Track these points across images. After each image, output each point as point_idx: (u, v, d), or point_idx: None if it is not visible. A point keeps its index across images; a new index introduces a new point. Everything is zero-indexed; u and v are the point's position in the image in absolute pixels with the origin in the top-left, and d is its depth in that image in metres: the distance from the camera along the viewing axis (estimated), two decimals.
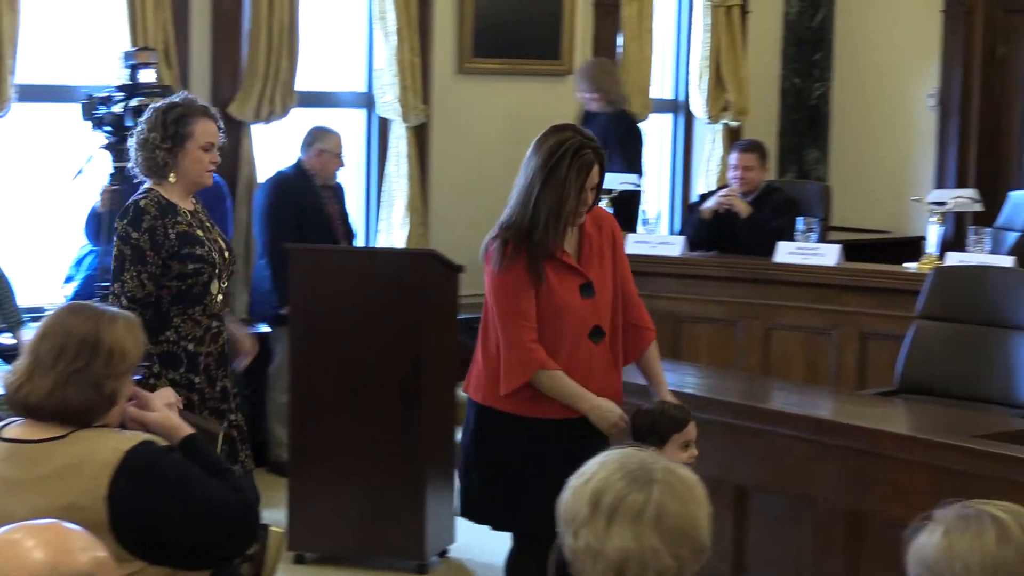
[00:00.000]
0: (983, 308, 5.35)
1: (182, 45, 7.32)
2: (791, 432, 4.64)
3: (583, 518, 2.19)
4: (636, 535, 2.15)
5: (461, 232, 7.87)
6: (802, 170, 10.12)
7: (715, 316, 7.08)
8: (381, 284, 5.81)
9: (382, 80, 8.03)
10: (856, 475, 4.46)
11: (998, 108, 9.51)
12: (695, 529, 2.19)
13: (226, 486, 3.08)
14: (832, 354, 6.91)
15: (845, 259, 7.00)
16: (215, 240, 4.63)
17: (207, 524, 3.00)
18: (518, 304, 4.25)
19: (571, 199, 4.19)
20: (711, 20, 9.39)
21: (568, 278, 4.30)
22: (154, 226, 4.46)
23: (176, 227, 4.50)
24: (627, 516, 2.16)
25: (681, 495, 2.19)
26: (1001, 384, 5.19)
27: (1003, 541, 1.91)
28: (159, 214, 4.48)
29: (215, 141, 4.60)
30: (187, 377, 4.52)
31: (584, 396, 4.25)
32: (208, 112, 4.62)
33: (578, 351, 4.30)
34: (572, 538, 2.20)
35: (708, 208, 7.45)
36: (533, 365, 4.23)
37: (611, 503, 2.17)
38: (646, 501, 2.16)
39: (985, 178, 9.35)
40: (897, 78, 9.82)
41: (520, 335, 4.24)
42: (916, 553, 1.96)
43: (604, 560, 2.16)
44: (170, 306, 4.50)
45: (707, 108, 9.44)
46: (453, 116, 8.28)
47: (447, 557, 6.05)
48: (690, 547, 2.18)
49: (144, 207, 4.48)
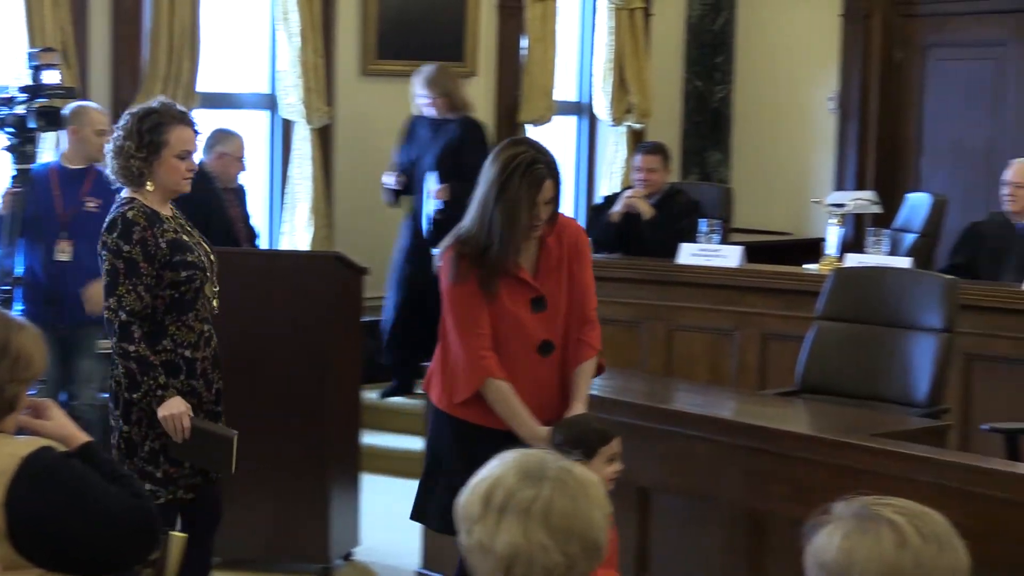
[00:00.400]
0: (881, 309, 5.42)
1: (81, 45, 7.23)
2: (694, 433, 4.67)
3: (476, 515, 2.19)
4: (524, 531, 2.14)
5: (365, 234, 7.85)
6: (704, 172, 10.20)
7: (619, 317, 7.11)
8: (284, 286, 5.78)
9: (285, 81, 7.99)
10: (758, 475, 4.50)
11: (896, 111, 9.64)
12: (587, 527, 2.17)
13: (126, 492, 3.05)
14: (734, 355, 6.97)
15: (747, 261, 7.06)
16: (199, 244, 4.58)
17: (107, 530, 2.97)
18: (470, 314, 4.24)
19: (523, 215, 4.16)
20: (614, 23, 9.44)
21: (519, 291, 4.27)
22: (144, 237, 4.39)
23: (165, 235, 4.43)
24: (516, 512, 2.15)
25: (573, 492, 2.18)
26: (899, 383, 5.26)
27: (900, 547, 1.93)
28: (147, 224, 4.41)
29: (192, 149, 4.53)
30: (188, 383, 4.48)
31: (520, 418, 4.21)
32: (185, 119, 4.53)
33: (526, 364, 4.28)
34: (466, 535, 2.20)
35: (616, 211, 7.48)
36: (482, 374, 4.22)
37: (502, 499, 2.17)
38: (535, 497, 2.16)
39: (883, 180, 9.48)
40: (798, 81, 9.93)
41: (471, 344, 4.24)
42: (815, 555, 1.98)
43: (494, 556, 2.16)
44: (164, 315, 4.45)
45: (611, 110, 9.49)
46: (357, 118, 8.25)
47: (352, 560, 6.03)
48: (581, 545, 2.16)
49: (133, 218, 4.40)
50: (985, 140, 9.14)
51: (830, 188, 9.36)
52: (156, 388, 4.37)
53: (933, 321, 5.27)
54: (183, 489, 4.53)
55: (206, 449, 4.46)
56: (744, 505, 4.56)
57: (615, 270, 7.22)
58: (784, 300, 6.81)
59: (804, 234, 9.64)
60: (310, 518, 5.78)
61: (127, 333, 4.36)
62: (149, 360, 4.37)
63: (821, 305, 5.60)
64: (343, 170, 8.26)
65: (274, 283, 5.80)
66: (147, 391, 4.37)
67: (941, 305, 5.28)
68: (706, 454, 4.63)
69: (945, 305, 5.28)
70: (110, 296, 4.39)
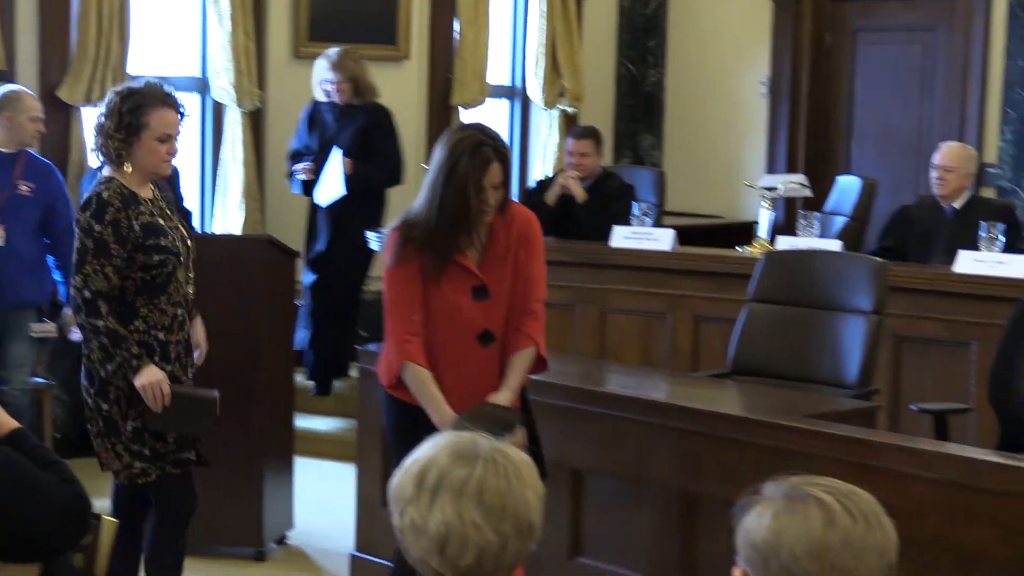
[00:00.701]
0: (812, 291, 5.46)
1: (7, 26, 7.15)
2: (626, 415, 4.68)
3: (409, 496, 2.19)
4: (458, 510, 2.15)
5: (297, 218, 7.81)
6: (637, 156, 10.24)
7: (552, 301, 7.04)
8: (216, 270, 5.74)
9: (216, 64, 7.94)
10: (690, 456, 4.53)
11: (826, 95, 9.71)
12: (520, 507, 2.18)
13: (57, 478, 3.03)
14: (667, 337, 7.00)
15: (679, 244, 7.09)
16: (176, 228, 4.53)
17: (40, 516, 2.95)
18: (403, 298, 4.21)
19: (471, 198, 4.14)
20: (547, 7, 9.44)
21: (461, 279, 4.24)
22: (118, 218, 4.34)
23: (140, 218, 4.39)
24: (449, 491, 2.16)
25: (506, 472, 2.18)
26: (830, 365, 5.30)
27: (829, 525, 1.95)
28: (122, 205, 4.36)
29: (173, 132, 4.46)
30: (161, 367, 4.43)
31: (433, 402, 4.18)
32: (169, 101, 4.46)
33: (465, 353, 4.26)
34: (399, 516, 2.20)
35: (552, 194, 7.50)
36: (404, 357, 4.20)
37: (435, 479, 2.17)
38: (468, 477, 2.16)
39: (814, 164, 9.55)
40: (730, 66, 9.98)
41: (399, 327, 4.22)
42: (745, 535, 1.99)
43: (426, 536, 2.16)
44: (135, 296, 4.40)
45: (543, 94, 9.50)
46: (289, 101, 8.21)
47: (285, 543, 6.02)
48: (514, 524, 2.17)
49: (107, 199, 4.35)
50: (914, 124, 9.22)
51: (762, 172, 9.42)
52: (130, 359, 4.33)
53: (863, 303, 5.31)
54: (171, 464, 4.49)
55: (185, 415, 4.42)
56: (677, 486, 4.58)
57: (548, 253, 7.11)
58: (716, 283, 6.85)
59: (736, 217, 9.69)
60: (243, 502, 5.76)
61: (94, 308, 4.33)
62: (120, 333, 4.33)
63: (752, 288, 5.63)
64: (275, 153, 8.22)
65: (206, 266, 5.75)
66: (121, 362, 4.33)
67: (871, 287, 5.33)
68: (639, 436, 4.65)
69: (875, 287, 5.33)
70: (77, 274, 4.36)
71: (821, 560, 1.93)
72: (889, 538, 1.98)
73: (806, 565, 1.93)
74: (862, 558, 1.94)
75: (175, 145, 4.50)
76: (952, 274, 6.30)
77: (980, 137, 8.71)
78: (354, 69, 7.48)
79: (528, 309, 4.35)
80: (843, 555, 1.93)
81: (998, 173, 8.57)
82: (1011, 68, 8.49)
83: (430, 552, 2.17)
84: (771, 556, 1.95)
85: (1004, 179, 8.51)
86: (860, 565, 1.94)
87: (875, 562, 1.95)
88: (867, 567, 1.94)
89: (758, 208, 7.22)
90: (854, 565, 1.93)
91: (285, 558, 5.91)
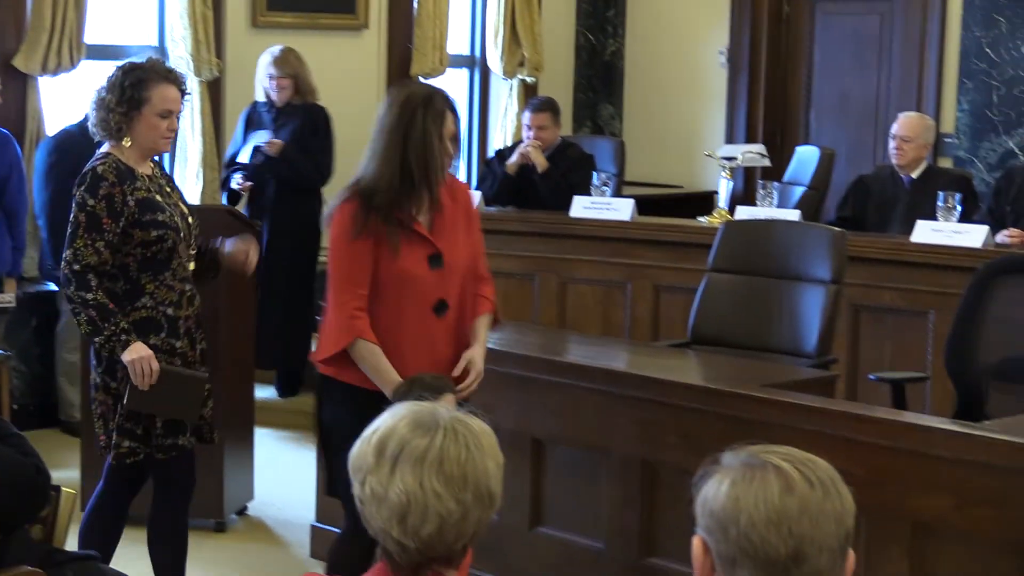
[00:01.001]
0: (771, 261, 5.49)
1: None
2: (586, 384, 4.69)
3: (369, 465, 2.21)
4: (419, 479, 2.17)
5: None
6: (596, 125, 10.24)
7: (512, 271, 7.13)
8: None
9: (174, 33, 7.88)
10: (650, 425, 4.54)
11: (785, 65, 9.73)
12: (481, 475, 2.21)
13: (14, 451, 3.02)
14: (627, 307, 7.02)
15: (639, 214, 7.11)
16: (176, 204, 4.49)
17: None
18: (355, 271, 4.11)
19: (436, 152, 4.09)
20: None
21: (417, 247, 4.16)
22: (111, 193, 4.30)
23: (135, 193, 4.34)
24: (409, 460, 2.18)
25: (466, 441, 2.21)
26: (788, 334, 5.33)
27: (787, 492, 1.96)
28: (117, 180, 4.32)
29: (175, 108, 4.42)
30: (168, 342, 4.40)
31: (386, 376, 4.09)
32: (172, 77, 4.43)
33: (421, 324, 4.18)
34: (359, 486, 2.22)
35: (513, 163, 7.50)
36: (352, 333, 4.11)
37: (395, 449, 2.19)
38: (429, 446, 2.19)
39: (772, 134, 9.58)
40: (689, 35, 9.98)
41: (347, 302, 4.12)
42: (704, 504, 2.01)
43: (388, 505, 2.18)
44: (139, 273, 4.36)
45: (503, 64, 9.48)
46: (247, 71, 8.16)
47: (246, 515, 6.01)
48: (474, 493, 2.20)
49: (102, 173, 4.31)
50: (871, 94, 9.25)
51: (721, 141, 9.44)
52: (119, 333, 4.29)
53: (821, 273, 5.34)
54: (158, 449, 4.44)
55: (169, 395, 4.35)
56: (636, 456, 4.60)
57: (508, 223, 7.24)
58: (676, 253, 6.87)
59: (695, 187, 9.71)
60: (203, 473, 5.72)
61: (83, 281, 4.29)
62: (109, 307, 4.29)
63: (712, 257, 5.65)
64: (233, 123, 8.17)
65: None
66: (109, 336, 4.29)
67: (829, 257, 5.35)
68: (599, 405, 4.66)
69: (833, 257, 5.35)
70: (68, 247, 4.33)
71: (779, 527, 1.94)
72: (846, 505, 2.00)
73: (763, 532, 1.94)
74: (820, 525, 1.95)
75: (176, 122, 4.47)
76: (910, 244, 6.34)
77: (937, 107, 8.74)
78: (296, 67, 7.47)
79: (481, 276, 4.35)
80: (801, 521, 1.95)
81: (955, 143, 8.62)
82: (967, 38, 8.53)
83: (391, 521, 2.19)
84: (729, 524, 1.96)
85: (961, 149, 8.56)
86: (818, 532, 1.95)
87: (832, 528, 1.97)
88: (825, 533, 1.96)
89: (717, 178, 7.24)
90: (812, 532, 1.95)
91: (246, 529, 5.90)
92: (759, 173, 8.66)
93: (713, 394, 4.42)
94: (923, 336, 6.24)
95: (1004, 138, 8.37)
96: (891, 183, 7.08)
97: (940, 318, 6.04)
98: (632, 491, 4.61)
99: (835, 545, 1.97)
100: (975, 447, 3.81)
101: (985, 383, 4.99)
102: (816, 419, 4.11)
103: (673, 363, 5.11)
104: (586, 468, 4.74)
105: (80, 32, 7.36)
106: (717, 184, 7.23)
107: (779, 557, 1.94)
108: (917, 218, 6.49)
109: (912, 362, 6.15)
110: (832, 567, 1.97)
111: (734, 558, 1.96)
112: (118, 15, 7.94)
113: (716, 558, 1.99)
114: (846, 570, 2.01)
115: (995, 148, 8.40)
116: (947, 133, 8.65)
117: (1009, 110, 8.33)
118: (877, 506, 3.88)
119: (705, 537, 2.01)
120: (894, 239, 6.55)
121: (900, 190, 7.03)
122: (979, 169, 8.32)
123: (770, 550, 1.94)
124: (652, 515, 4.58)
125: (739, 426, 4.18)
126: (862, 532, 3.89)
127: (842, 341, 6.11)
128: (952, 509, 3.84)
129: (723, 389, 4.42)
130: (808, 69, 9.60)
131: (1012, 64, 8.32)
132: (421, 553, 2.21)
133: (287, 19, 8.35)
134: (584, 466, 4.75)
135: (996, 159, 8.36)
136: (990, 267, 5.15)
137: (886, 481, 3.92)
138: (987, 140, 8.42)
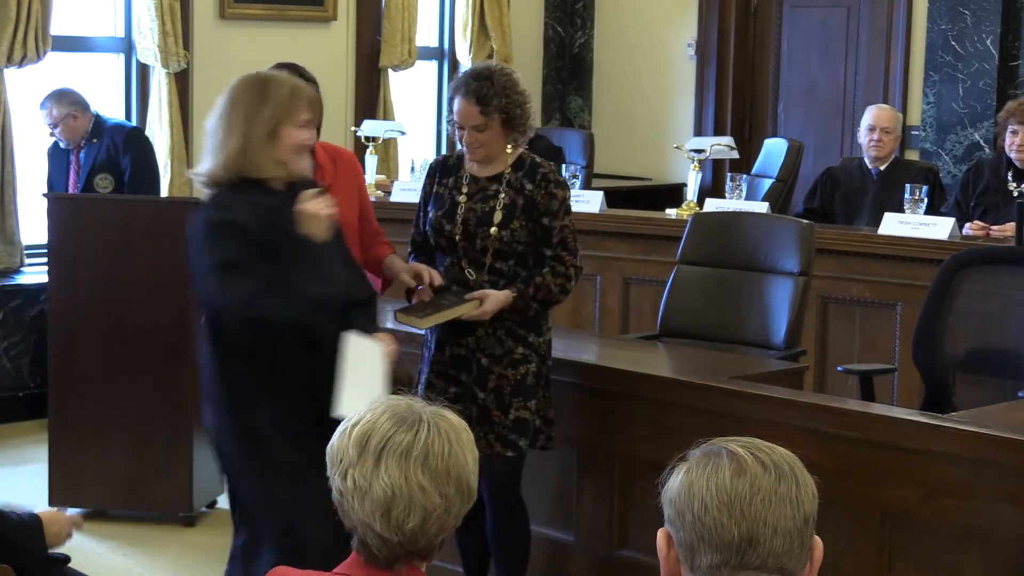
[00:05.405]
0: (739, 253, 5.50)
1: None
2: (556, 377, 4.68)
3: (351, 458, 2.24)
4: (403, 473, 2.22)
5: None
6: (565, 118, 10.24)
7: None
8: (142, 233, 5.70)
9: (141, 25, 7.85)
10: (620, 418, 4.55)
11: (753, 58, 9.75)
12: (462, 469, 2.26)
13: None
14: (596, 299, 7.03)
15: (608, 206, 7.11)
16: None
17: None
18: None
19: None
20: None
21: None
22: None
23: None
24: (394, 455, 2.22)
25: (448, 436, 2.26)
26: (757, 327, 5.34)
27: (738, 475, 1.97)
28: None
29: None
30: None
31: None
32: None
33: None
34: (340, 479, 2.25)
35: None
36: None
37: (378, 443, 2.23)
38: (414, 440, 2.23)
39: (740, 126, 9.60)
40: (657, 28, 9.99)
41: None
42: (665, 495, 2.03)
43: (372, 498, 2.22)
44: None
45: (472, 56, 9.47)
46: (215, 62, 8.14)
47: (216, 508, 6.00)
48: (456, 486, 2.25)
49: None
50: (839, 86, 9.28)
51: (690, 134, 9.45)
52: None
53: (790, 265, 5.35)
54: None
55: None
56: (606, 449, 4.61)
57: None
58: (645, 245, 6.88)
59: (664, 180, 9.73)
60: (173, 467, 5.74)
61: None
62: None
63: (681, 250, 5.66)
64: (201, 115, 8.11)
65: (132, 230, 5.72)
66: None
67: (797, 249, 5.36)
68: (569, 398, 4.66)
69: (801, 249, 5.36)
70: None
71: (731, 508, 1.95)
72: (804, 491, 1.99)
73: (716, 514, 1.95)
74: (773, 507, 1.95)
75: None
76: (877, 236, 6.37)
77: (904, 100, 8.78)
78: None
79: (376, 230, 4.62)
80: (753, 503, 1.95)
81: (921, 135, 8.66)
82: (934, 31, 8.56)
83: (374, 515, 2.23)
84: (685, 509, 1.98)
85: (927, 142, 8.59)
86: (771, 514, 1.95)
87: (788, 511, 1.96)
88: (780, 516, 1.96)
89: (686, 170, 7.25)
90: (765, 514, 1.95)
91: (215, 523, 5.88)
92: (728, 165, 8.69)
93: (683, 386, 4.43)
94: (891, 328, 6.26)
95: (970, 131, 8.41)
96: (859, 175, 7.11)
97: (908, 310, 6.06)
98: (602, 484, 4.62)
99: (791, 528, 1.97)
100: (943, 438, 3.84)
101: (952, 375, 5.02)
102: (785, 411, 4.13)
103: (642, 355, 5.12)
104: (557, 461, 4.74)
105: (46, 23, 7.32)
106: (686, 176, 7.24)
107: (733, 539, 1.95)
108: (884, 210, 6.51)
109: (880, 354, 6.17)
110: (790, 550, 1.97)
111: (692, 545, 1.98)
112: (84, 6, 7.90)
113: (678, 547, 2.01)
114: (813, 559, 2.01)
115: (961, 141, 8.43)
116: (914, 125, 8.68)
117: (975, 103, 8.37)
118: (846, 497, 3.90)
119: (668, 528, 2.02)
120: (861, 231, 6.57)
121: (868, 182, 7.06)
122: (945, 162, 8.36)
123: (724, 532, 1.95)
124: (623, 508, 4.59)
125: (708, 418, 4.20)
126: (831, 523, 3.91)
127: (810, 333, 6.14)
128: (920, 500, 3.86)
129: (692, 381, 4.44)
130: (776, 62, 9.63)
131: (978, 57, 8.35)
132: (403, 547, 2.24)
133: (255, 11, 8.32)
134: (554, 458, 4.75)
135: (962, 151, 8.40)
136: (956, 259, 5.17)
137: (855, 472, 3.94)
138: (953, 133, 8.45)
